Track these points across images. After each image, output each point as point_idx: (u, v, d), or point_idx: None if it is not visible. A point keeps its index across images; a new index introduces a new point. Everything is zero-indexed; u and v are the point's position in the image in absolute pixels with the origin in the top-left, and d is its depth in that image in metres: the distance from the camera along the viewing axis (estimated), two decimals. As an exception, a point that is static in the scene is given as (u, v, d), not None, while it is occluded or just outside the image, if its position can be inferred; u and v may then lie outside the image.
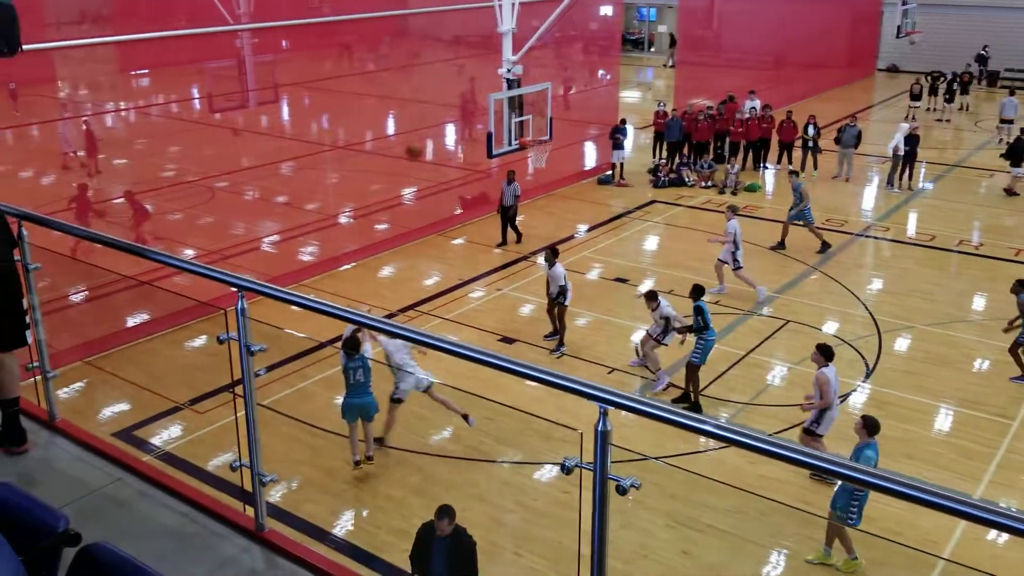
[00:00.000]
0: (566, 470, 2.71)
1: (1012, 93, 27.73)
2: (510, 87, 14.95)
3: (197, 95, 25.43)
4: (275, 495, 9.61)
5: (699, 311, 11.51)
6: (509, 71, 14.96)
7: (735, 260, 14.78)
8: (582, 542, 2.84)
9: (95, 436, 4.50)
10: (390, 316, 14.62)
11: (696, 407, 11.41)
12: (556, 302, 13.06)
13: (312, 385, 12.17)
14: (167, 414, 11.34)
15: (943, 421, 11.38)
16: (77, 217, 14.94)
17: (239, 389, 3.76)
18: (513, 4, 14.93)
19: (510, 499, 9.73)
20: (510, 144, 14.80)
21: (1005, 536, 8.24)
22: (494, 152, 14.78)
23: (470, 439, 10.65)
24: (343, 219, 19.60)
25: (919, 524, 9.09)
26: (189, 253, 16.80)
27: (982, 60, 35.87)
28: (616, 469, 2.72)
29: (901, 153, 21.08)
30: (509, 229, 17.73)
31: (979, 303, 15.01)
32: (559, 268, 13.03)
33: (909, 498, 2.41)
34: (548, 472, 9.95)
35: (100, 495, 3.99)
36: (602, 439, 2.65)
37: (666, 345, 12.18)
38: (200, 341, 13.31)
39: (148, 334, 13.53)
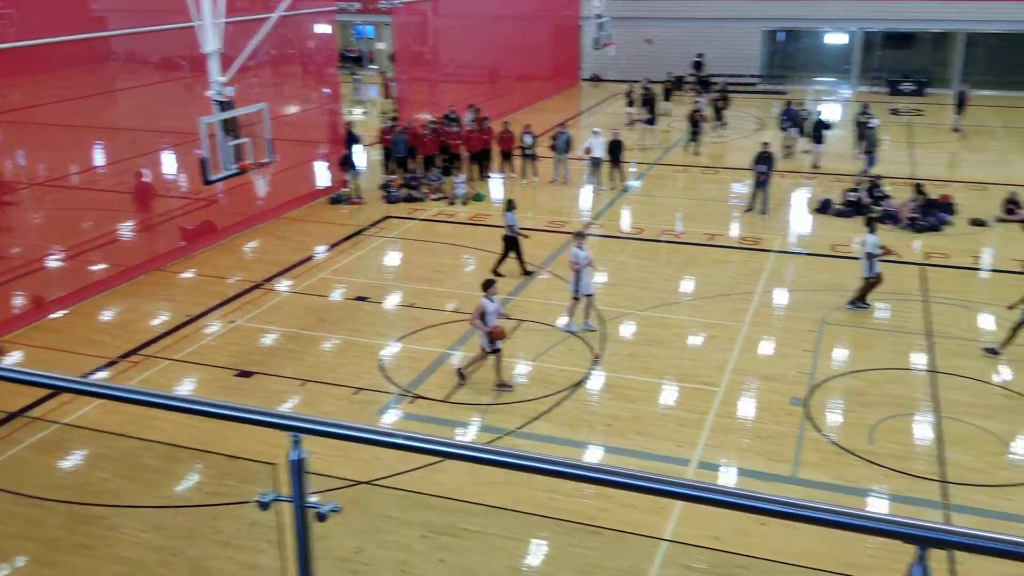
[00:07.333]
0: (263, 506, 2.64)
1: (668, 97, 33.86)
2: (223, 109, 14.27)
3: None
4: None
5: None
6: (219, 93, 14.28)
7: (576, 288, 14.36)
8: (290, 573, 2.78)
9: None
10: (111, 364, 13.42)
11: None
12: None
13: (23, 451, 10.86)
14: None
15: (664, 396, 12.53)
16: None
17: None
18: (215, 24, 14.28)
19: (262, 540, 9.30)
20: (227, 168, 14.14)
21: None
22: (211, 178, 14.05)
23: (211, 484, 10.06)
24: (50, 262, 17.66)
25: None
26: None
27: (697, 66, 39.63)
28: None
29: (598, 155, 22.89)
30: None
31: (686, 286, 16.70)
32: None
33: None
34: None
35: None
36: (297, 468, 2.61)
37: None
38: None
39: None
